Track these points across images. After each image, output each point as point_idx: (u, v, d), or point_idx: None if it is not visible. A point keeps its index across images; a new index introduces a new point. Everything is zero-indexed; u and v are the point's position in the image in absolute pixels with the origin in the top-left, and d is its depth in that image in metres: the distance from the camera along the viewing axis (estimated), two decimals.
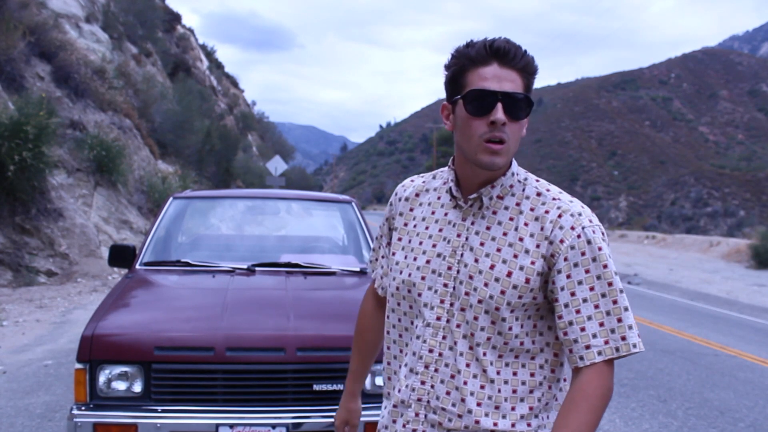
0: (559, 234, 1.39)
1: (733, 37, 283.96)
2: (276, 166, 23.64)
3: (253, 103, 55.52)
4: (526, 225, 1.42)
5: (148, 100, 19.73)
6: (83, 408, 2.64)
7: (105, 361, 2.68)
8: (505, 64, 1.37)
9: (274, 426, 2.66)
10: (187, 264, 3.71)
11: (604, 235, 1.42)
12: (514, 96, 1.37)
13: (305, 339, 2.78)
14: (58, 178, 11.73)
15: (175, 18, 34.60)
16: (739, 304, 12.34)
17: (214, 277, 3.54)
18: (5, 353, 5.98)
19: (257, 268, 3.65)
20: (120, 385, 2.68)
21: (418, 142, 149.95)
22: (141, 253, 3.80)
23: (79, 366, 2.67)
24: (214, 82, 39.07)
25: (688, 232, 53.26)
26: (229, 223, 5.47)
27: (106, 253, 7.61)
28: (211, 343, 2.70)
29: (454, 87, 1.43)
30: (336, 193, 7.89)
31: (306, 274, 3.66)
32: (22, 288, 9.33)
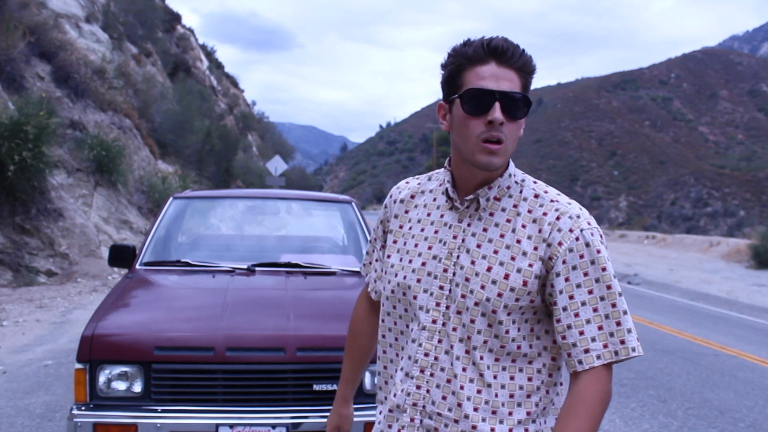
0: (557, 236, 1.36)
1: (733, 37, 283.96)
2: (276, 166, 23.64)
3: (253, 103, 55.55)
4: (523, 227, 1.40)
5: (148, 100, 19.73)
6: (83, 408, 2.65)
7: (105, 361, 2.68)
8: (503, 63, 1.35)
9: (274, 426, 2.66)
10: (187, 264, 3.71)
11: (602, 237, 1.40)
12: (512, 95, 1.34)
13: (305, 339, 2.78)
14: (58, 178, 11.73)
15: (175, 18, 34.61)
16: (739, 304, 12.34)
17: (214, 277, 3.54)
18: (5, 353, 5.98)
19: (257, 268, 3.65)
20: (120, 385, 2.68)
21: (418, 142, 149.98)
22: (141, 253, 3.80)
23: (79, 366, 2.68)
24: (214, 82, 39.07)
25: (688, 232, 53.26)
26: (229, 223, 5.47)
27: (106, 253, 7.61)
28: (211, 343, 2.71)
29: (451, 86, 1.41)
30: (336, 193, 7.89)
31: (306, 274, 3.66)
32: (22, 288, 9.33)
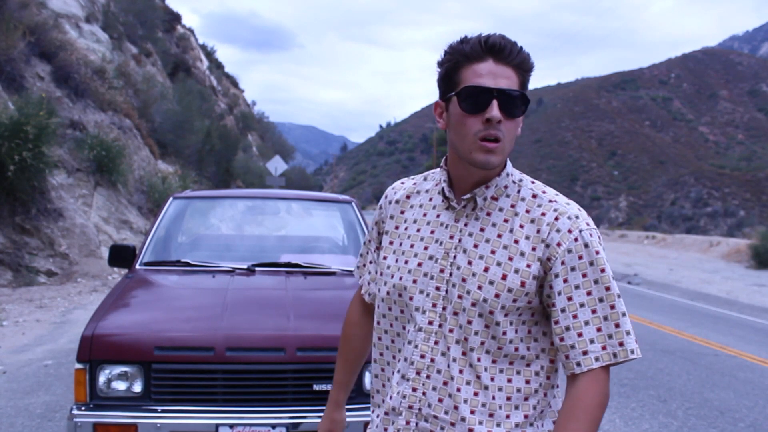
0: (556, 237, 1.35)
1: (733, 37, 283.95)
2: (276, 166, 23.64)
3: (253, 103, 55.54)
4: (521, 227, 1.38)
5: (148, 100, 19.73)
6: (83, 408, 2.65)
7: (105, 361, 2.68)
8: (501, 60, 1.33)
9: (273, 426, 2.66)
10: (187, 264, 3.71)
11: (600, 238, 1.39)
12: (509, 93, 1.33)
13: (305, 339, 2.78)
14: (58, 178, 11.73)
15: (175, 18, 34.62)
16: (739, 304, 12.34)
17: (214, 277, 3.54)
18: (5, 353, 5.98)
19: (257, 268, 3.66)
20: (120, 385, 2.69)
21: (418, 142, 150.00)
22: (141, 253, 3.80)
23: (79, 366, 2.68)
24: (214, 82, 39.07)
25: (688, 232, 53.28)
26: (229, 223, 5.47)
27: (106, 253, 7.61)
28: (211, 343, 2.71)
29: (447, 84, 1.38)
30: (336, 193, 7.89)
31: (306, 274, 3.66)
32: (22, 288, 9.33)
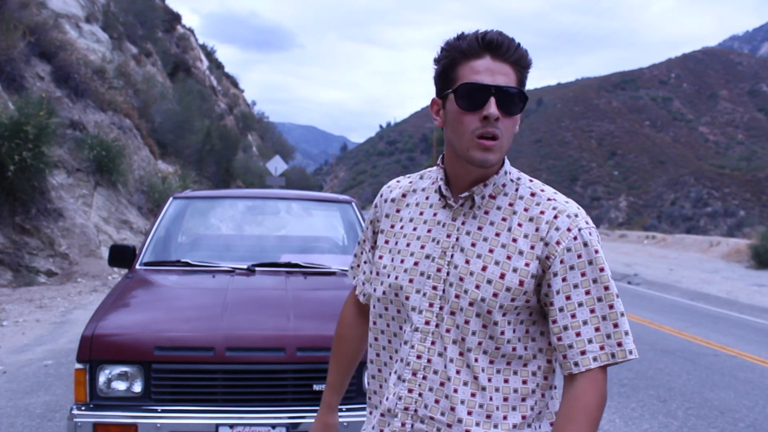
0: (555, 235, 1.33)
1: (733, 37, 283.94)
2: (276, 166, 23.64)
3: (253, 103, 55.56)
4: (519, 226, 1.36)
5: (148, 100, 19.73)
6: (83, 408, 2.65)
7: (105, 361, 2.68)
8: (498, 57, 1.31)
9: (273, 426, 2.66)
10: (187, 264, 3.71)
11: (599, 237, 1.37)
12: (507, 90, 1.31)
13: (305, 339, 2.78)
14: (58, 178, 11.73)
15: (175, 18, 34.62)
16: (739, 304, 12.34)
17: (214, 277, 3.54)
18: (5, 353, 5.98)
19: (257, 268, 3.65)
20: (120, 385, 2.68)
21: (418, 142, 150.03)
22: (141, 253, 3.80)
23: (79, 366, 2.68)
24: (214, 82, 39.08)
25: (688, 232, 53.28)
26: (229, 223, 5.47)
27: (106, 253, 7.61)
28: (211, 343, 2.71)
29: (444, 81, 1.36)
30: (336, 193, 7.89)
31: (306, 274, 3.66)
32: (22, 288, 9.33)
